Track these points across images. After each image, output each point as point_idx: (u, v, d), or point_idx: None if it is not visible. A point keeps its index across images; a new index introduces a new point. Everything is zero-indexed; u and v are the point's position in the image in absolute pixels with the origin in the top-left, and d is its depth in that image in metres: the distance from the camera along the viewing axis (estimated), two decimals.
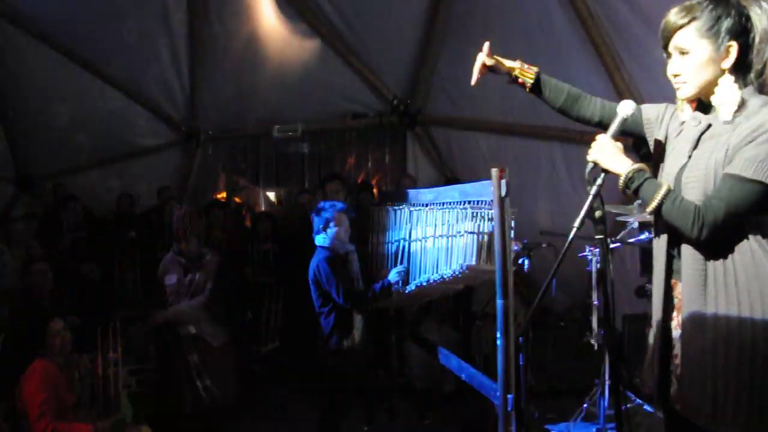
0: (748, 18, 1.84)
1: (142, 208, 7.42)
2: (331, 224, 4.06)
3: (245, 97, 7.77)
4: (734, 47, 1.84)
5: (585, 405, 4.42)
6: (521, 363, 4.21)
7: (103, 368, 3.95)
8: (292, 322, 5.68)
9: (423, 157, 7.20)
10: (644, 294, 4.44)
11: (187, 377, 4.43)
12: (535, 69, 2.31)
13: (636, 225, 4.34)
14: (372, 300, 3.98)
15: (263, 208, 8.21)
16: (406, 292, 3.84)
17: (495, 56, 2.33)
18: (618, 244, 4.37)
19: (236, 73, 7.54)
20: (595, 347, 4.37)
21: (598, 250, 4.04)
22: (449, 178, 6.73)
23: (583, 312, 5.36)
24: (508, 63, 2.33)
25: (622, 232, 4.40)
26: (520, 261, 4.50)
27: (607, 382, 4.19)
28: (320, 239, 4.09)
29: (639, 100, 4.86)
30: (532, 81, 2.30)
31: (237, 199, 8.27)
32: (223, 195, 8.53)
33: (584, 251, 4.41)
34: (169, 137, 8.23)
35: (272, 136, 7.87)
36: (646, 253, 4.58)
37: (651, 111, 2.16)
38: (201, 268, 4.54)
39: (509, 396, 2.91)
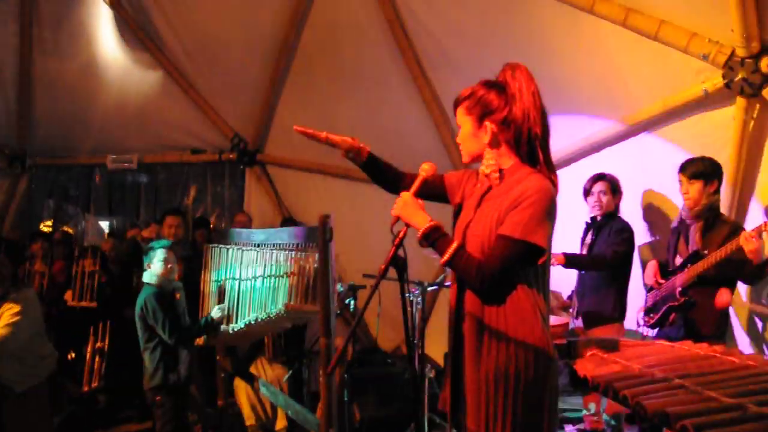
0: (508, 102, 2.17)
1: None
2: (159, 262, 4.08)
3: (80, 123, 7.48)
4: (490, 126, 2.17)
5: None
6: (345, 399, 4.43)
7: None
8: (118, 360, 5.48)
9: (261, 195, 7.27)
10: None
11: None
12: (367, 149, 2.56)
13: None
14: (196, 336, 4.04)
15: (93, 238, 7.87)
16: (235, 329, 3.92)
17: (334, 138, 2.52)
18: (435, 287, 4.71)
19: (71, 97, 7.25)
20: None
21: (419, 291, 4.35)
22: (286, 217, 6.86)
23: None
24: (349, 142, 2.53)
25: (441, 276, 4.75)
26: (346, 302, 4.70)
27: (426, 415, 4.46)
28: (148, 276, 4.10)
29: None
30: (364, 159, 2.55)
31: (66, 229, 7.87)
32: (49, 223, 8.09)
33: (407, 293, 4.69)
34: None
35: (106, 165, 7.64)
36: None
37: (453, 178, 2.47)
38: None
39: (330, 431, 3.06)
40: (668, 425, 1.71)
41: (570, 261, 4.22)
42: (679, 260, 3.74)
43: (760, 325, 4.08)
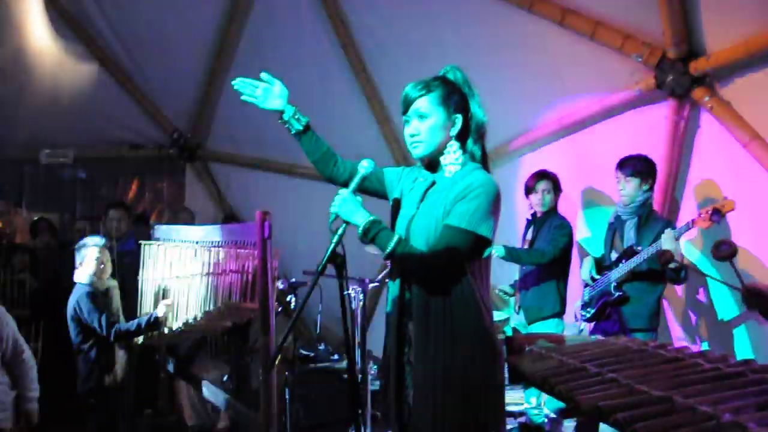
0: (467, 101, 2.23)
1: None
2: (91, 260, 3.94)
3: (10, 117, 7.18)
4: (460, 118, 2.21)
5: None
6: (287, 397, 4.38)
7: None
8: (52, 364, 5.28)
9: (202, 191, 7.15)
10: None
11: None
12: (306, 119, 2.48)
13: None
14: (137, 333, 3.93)
15: (26, 235, 7.59)
16: (174, 329, 3.84)
17: None
18: (377, 284, 4.70)
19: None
20: (359, 380, 4.61)
21: (360, 288, 4.33)
22: (228, 214, 6.75)
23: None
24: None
25: (383, 273, 4.75)
26: (288, 299, 4.65)
27: (369, 412, 4.45)
28: (80, 275, 3.95)
29: (403, 147, 5.36)
30: (301, 128, 2.47)
31: None
32: None
33: (347, 290, 4.66)
34: None
35: (40, 160, 7.36)
36: None
37: (392, 173, 2.46)
38: None
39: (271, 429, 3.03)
40: (601, 419, 1.74)
41: (509, 253, 4.26)
42: (614, 255, 3.83)
43: (693, 318, 4.22)
